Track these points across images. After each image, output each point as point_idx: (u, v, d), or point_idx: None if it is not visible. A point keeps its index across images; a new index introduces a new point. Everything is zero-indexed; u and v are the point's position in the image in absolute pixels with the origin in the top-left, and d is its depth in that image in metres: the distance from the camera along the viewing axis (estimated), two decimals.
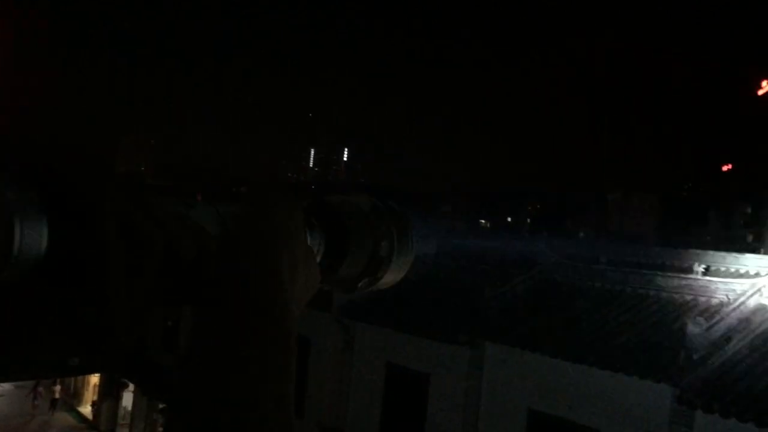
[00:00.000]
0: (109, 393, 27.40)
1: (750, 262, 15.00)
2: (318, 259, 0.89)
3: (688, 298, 13.20)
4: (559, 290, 15.22)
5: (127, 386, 26.30)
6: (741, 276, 14.19)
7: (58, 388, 28.69)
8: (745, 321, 11.70)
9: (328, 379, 17.66)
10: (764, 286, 12.20)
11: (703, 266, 14.16)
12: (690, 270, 14.10)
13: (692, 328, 10.95)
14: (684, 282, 13.45)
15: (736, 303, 11.86)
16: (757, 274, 13.70)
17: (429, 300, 16.70)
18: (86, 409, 29.16)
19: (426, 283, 17.76)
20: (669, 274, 14.07)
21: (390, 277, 0.99)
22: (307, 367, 18.39)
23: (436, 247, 20.48)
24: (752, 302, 11.92)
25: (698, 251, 17.05)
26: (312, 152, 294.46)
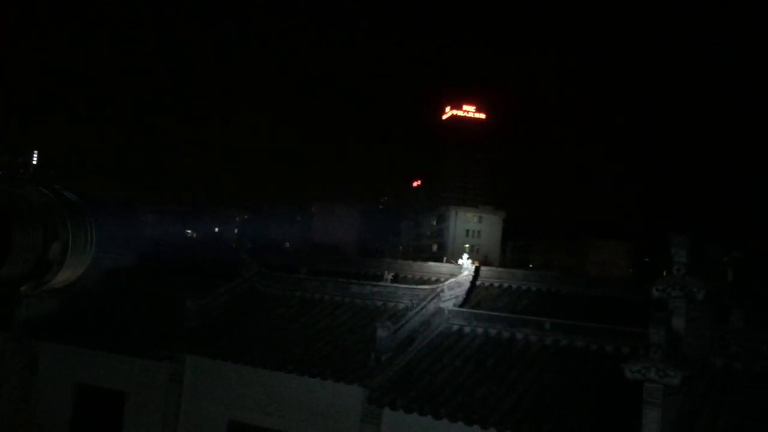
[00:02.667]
0: None
1: (432, 269, 16.69)
2: None
3: (379, 303, 14.23)
4: (262, 300, 15.43)
5: None
6: (424, 282, 15.70)
7: None
8: (426, 323, 12.94)
9: (8, 405, 15.84)
10: (442, 291, 13.60)
11: (392, 274, 15.38)
12: (381, 278, 15.23)
13: (381, 332, 11.83)
14: (375, 289, 14.49)
15: (419, 307, 13.06)
16: (437, 280, 15.27)
17: (127, 315, 15.86)
18: None
19: (124, 297, 16.84)
20: (363, 282, 15.05)
21: (63, 277, 0.91)
22: None
23: (136, 259, 19.53)
24: (432, 306, 13.22)
25: (388, 260, 18.54)
26: None
